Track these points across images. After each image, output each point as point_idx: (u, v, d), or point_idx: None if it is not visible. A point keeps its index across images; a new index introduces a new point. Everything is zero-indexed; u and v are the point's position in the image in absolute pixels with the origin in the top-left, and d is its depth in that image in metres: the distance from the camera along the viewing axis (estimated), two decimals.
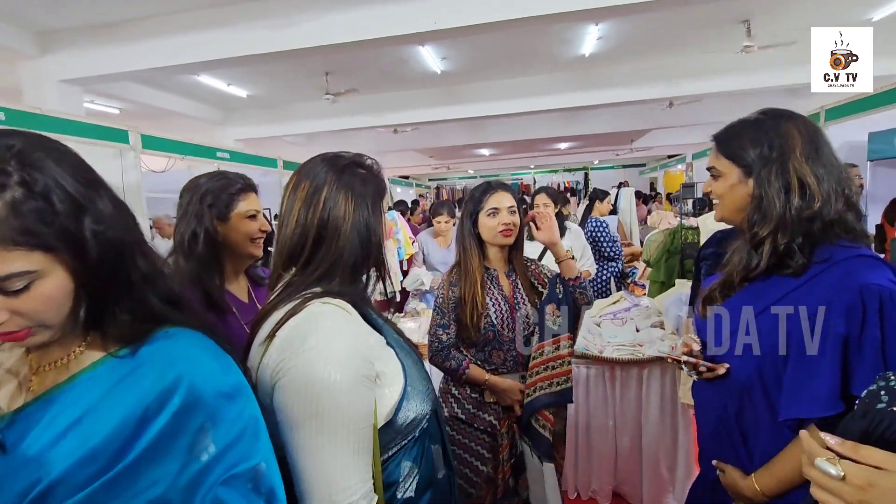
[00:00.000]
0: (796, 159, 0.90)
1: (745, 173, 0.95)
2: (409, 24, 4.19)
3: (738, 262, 0.97)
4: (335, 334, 0.73)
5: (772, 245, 0.91)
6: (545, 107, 7.31)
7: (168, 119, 7.45)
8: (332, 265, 0.80)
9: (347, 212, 0.81)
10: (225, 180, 1.19)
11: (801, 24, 5.53)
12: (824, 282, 0.86)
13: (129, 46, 4.51)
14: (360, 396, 0.71)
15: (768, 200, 0.91)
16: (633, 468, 2.23)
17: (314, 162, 0.88)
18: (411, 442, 0.82)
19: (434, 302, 1.57)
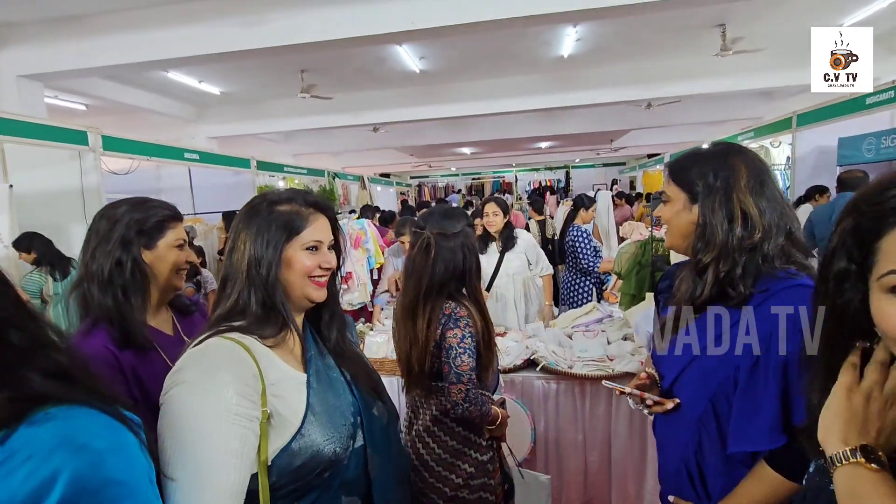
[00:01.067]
0: (740, 191, 0.92)
1: (690, 200, 0.97)
2: (384, 24, 4.11)
3: (684, 291, 0.99)
4: (211, 371, 0.75)
5: (714, 273, 0.92)
6: (525, 107, 7.31)
7: (138, 116, 7.22)
8: (237, 302, 0.84)
9: (247, 254, 0.85)
10: (151, 207, 1.12)
11: (773, 30, 5.62)
12: (765, 313, 0.87)
13: (93, 41, 4.33)
14: (227, 433, 0.72)
15: (711, 228, 0.93)
16: (602, 483, 2.21)
17: (247, 202, 0.92)
18: (304, 487, 0.80)
19: (462, 343, 1.37)
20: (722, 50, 5.50)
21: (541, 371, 2.23)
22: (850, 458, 0.53)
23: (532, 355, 2.30)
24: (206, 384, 0.74)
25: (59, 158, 3.46)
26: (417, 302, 1.43)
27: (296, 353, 0.88)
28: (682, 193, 0.98)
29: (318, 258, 0.89)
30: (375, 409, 0.93)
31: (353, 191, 9.39)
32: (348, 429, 0.85)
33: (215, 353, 0.78)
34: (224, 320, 0.83)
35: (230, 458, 0.72)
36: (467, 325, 1.38)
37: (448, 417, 1.42)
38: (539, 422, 2.24)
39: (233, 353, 0.78)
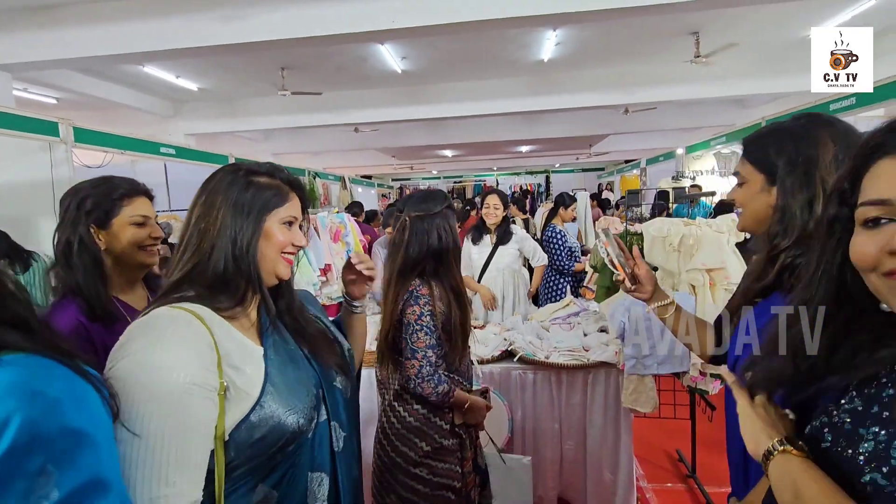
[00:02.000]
0: (825, 169, 0.83)
1: (768, 181, 0.89)
2: (365, 22, 4.10)
3: (752, 275, 0.93)
4: (161, 341, 0.70)
5: (783, 259, 0.85)
6: (505, 109, 7.38)
7: (112, 111, 7.04)
8: (192, 270, 0.80)
9: (221, 222, 0.81)
10: (107, 185, 1.15)
11: (745, 40, 5.81)
12: None
13: (64, 32, 4.21)
14: (181, 405, 0.69)
15: (791, 212, 0.84)
16: (577, 473, 2.25)
17: (218, 170, 0.88)
18: (267, 464, 0.78)
19: (420, 321, 1.39)
20: (695, 57, 5.66)
21: (518, 361, 2.26)
22: (779, 448, 0.61)
23: (510, 346, 2.32)
24: (156, 355, 0.69)
25: (29, 150, 3.35)
26: (391, 281, 1.46)
27: (252, 328, 0.85)
28: (758, 174, 0.90)
29: (292, 235, 0.88)
30: (337, 381, 0.93)
31: (335, 191, 9.32)
32: (311, 400, 0.83)
33: (164, 322, 0.73)
34: (175, 290, 0.79)
35: (185, 432, 0.69)
36: (427, 304, 1.40)
37: (407, 393, 1.44)
38: (516, 412, 2.26)
39: (184, 321, 0.73)
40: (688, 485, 2.49)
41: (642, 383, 2.08)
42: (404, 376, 1.40)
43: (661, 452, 2.78)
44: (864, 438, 0.54)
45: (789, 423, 0.66)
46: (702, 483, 2.42)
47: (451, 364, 1.46)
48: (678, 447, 2.73)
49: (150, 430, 0.66)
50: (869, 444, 0.53)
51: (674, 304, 1.14)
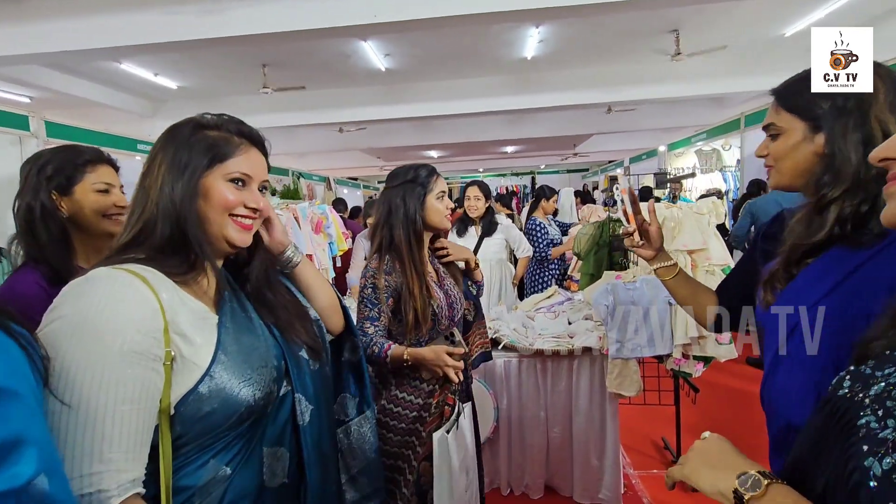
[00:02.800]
0: (879, 108, 0.78)
1: (812, 128, 0.83)
2: (346, 16, 4.08)
3: (798, 234, 0.84)
4: (97, 303, 0.63)
5: (838, 209, 0.78)
6: (489, 108, 7.40)
7: (88, 110, 6.88)
8: (140, 232, 0.74)
9: (161, 180, 0.74)
10: (70, 152, 1.12)
11: (724, 38, 5.91)
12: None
13: (35, 25, 4.09)
14: (118, 374, 0.62)
15: (843, 157, 0.78)
16: (564, 459, 2.24)
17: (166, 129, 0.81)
18: (219, 440, 0.72)
19: (362, 293, 1.40)
20: (676, 55, 5.74)
21: (503, 349, 2.24)
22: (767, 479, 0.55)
23: (494, 334, 2.30)
24: (90, 318, 0.62)
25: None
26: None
27: (209, 295, 0.77)
28: (799, 122, 0.84)
29: (244, 195, 0.78)
30: (304, 352, 0.86)
31: (319, 192, 9.25)
32: (270, 372, 0.77)
33: (102, 283, 0.66)
34: (121, 252, 0.73)
35: (124, 404, 0.62)
36: (372, 276, 1.40)
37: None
38: (501, 400, 2.24)
39: (124, 283, 0.66)
40: None
41: (626, 367, 2.08)
42: None
43: (647, 440, 2.78)
44: (877, 381, 0.51)
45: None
46: None
47: (412, 342, 1.43)
48: (663, 434, 2.74)
49: (82, 400, 0.60)
50: (878, 387, 0.50)
51: (677, 266, 1.12)
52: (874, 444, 0.46)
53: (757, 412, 1.00)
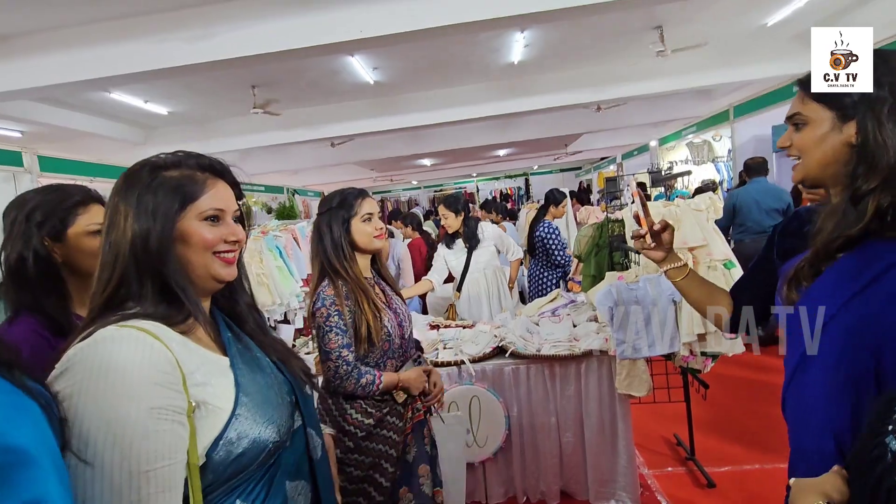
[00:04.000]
0: None
1: (841, 117, 0.80)
2: (332, 33, 4.10)
3: (832, 228, 0.79)
4: (109, 366, 0.61)
5: (876, 202, 0.74)
6: (480, 114, 7.44)
7: (80, 141, 6.85)
8: (119, 288, 0.70)
9: (127, 227, 0.71)
10: (59, 193, 1.05)
11: (708, 31, 5.96)
12: None
13: (23, 61, 4.12)
14: (145, 435, 0.61)
15: (878, 146, 0.75)
16: (577, 463, 2.23)
17: (125, 171, 0.78)
18: (246, 480, 0.71)
19: (328, 322, 1.40)
20: (661, 51, 5.78)
21: (510, 357, 2.24)
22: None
23: (500, 342, 2.30)
24: (109, 381, 0.60)
25: None
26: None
27: (212, 339, 0.77)
28: (827, 111, 0.81)
29: (222, 230, 0.76)
30: (307, 388, 0.89)
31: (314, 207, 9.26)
32: (287, 408, 0.78)
33: (113, 344, 0.63)
34: (108, 310, 0.69)
35: (157, 462, 0.61)
36: (333, 304, 1.41)
37: (327, 391, 1.46)
38: (512, 408, 2.24)
39: (136, 340, 0.64)
40: (688, 467, 2.48)
41: (635, 367, 2.08)
42: (325, 379, 1.42)
43: (659, 438, 2.77)
44: None
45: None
46: (702, 464, 2.42)
47: (368, 363, 1.47)
48: (675, 431, 2.73)
49: (114, 465, 0.58)
50: None
51: (687, 267, 1.11)
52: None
53: (768, 404, 0.99)
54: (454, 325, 2.72)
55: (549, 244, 3.46)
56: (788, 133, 0.87)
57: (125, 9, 3.92)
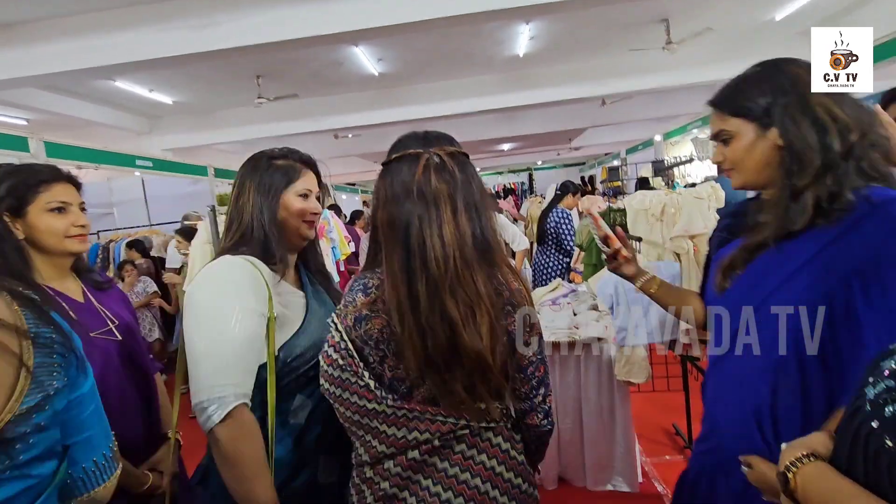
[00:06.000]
0: (816, 96, 0.82)
1: (762, 125, 0.86)
2: (337, 23, 4.10)
3: (773, 221, 0.85)
4: (218, 273, 0.96)
5: (815, 194, 0.80)
6: (484, 107, 7.41)
7: (85, 129, 6.92)
8: (241, 239, 1.02)
9: (252, 201, 1.03)
10: (25, 172, 1.09)
11: (714, 23, 5.92)
12: (866, 228, 0.76)
13: (29, 49, 4.13)
14: (234, 319, 0.90)
15: (802, 144, 0.81)
16: (575, 450, 2.25)
17: (248, 159, 1.09)
18: (304, 377, 0.97)
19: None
20: (667, 44, 5.75)
21: None
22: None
23: None
24: (221, 284, 0.94)
25: None
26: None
27: (294, 281, 1.08)
28: (747, 123, 0.87)
29: (309, 204, 1.07)
30: None
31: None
32: None
33: (228, 264, 0.97)
34: (229, 251, 1.00)
35: (242, 344, 0.90)
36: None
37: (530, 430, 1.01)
38: None
39: (243, 265, 0.96)
40: (685, 455, 2.50)
41: (634, 355, 2.09)
42: (545, 408, 0.94)
43: (658, 427, 2.79)
44: None
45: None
46: None
47: None
48: (674, 420, 2.75)
49: (214, 338, 0.89)
50: None
51: (657, 279, 1.14)
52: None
53: None
54: None
55: (561, 230, 3.48)
56: (719, 149, 0.93)
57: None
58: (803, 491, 0.54)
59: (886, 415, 0.45)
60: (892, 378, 0.47)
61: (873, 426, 0.47)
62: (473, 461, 0.86)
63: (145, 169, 4.51)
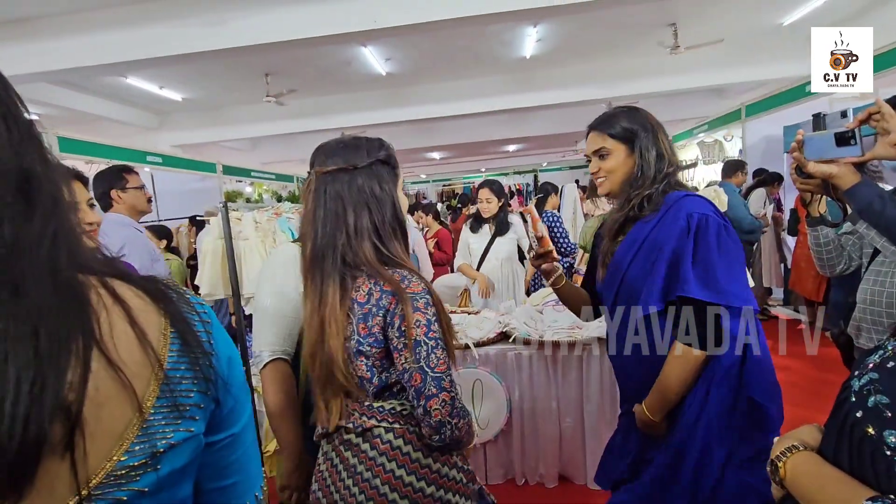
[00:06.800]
0: (660, 135, 1.23)
1: (629, 148, 1.22)
2: (347, 23, 4.14)
3: (613, 219, 1.27)
4: (273, 259, 1.24)
5: (638, 199, 1.20)
6: (490, 108, 7.45)
7: (95, 125, 7.00)
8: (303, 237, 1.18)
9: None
10: None
11: (722, 29, 5.93)
12: (669, 217, 1.15)
13: (42, 44, 4.20)
14: (274, 297, 1.17)
15: (647, 166, 1.20)
16: (576, 448, 2.27)
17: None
18: None
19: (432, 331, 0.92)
20: (674, 48, 5.76)
21: (513, 342, 2.29)
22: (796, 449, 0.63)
23: (505, 328, 2.35)
24: (278, 261, 1.21)
25: None
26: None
27: None
28: (621, 145, 1.22)
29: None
30: None
31: None
32: None
33: (279, 251, 1.26)
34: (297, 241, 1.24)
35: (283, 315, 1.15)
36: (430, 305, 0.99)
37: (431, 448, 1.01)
38: (514, 392, 2.28)
39: (295, 248, 1.17)
40: None
41: None
42: (430, 422, 0.90)
43: None
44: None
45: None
46: None
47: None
48: None
49: (262, 308, 1.18)
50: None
51: (563, 276, 1.44)
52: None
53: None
54: (459, 310, 2.77)
55: (555, 232, 3.50)
56: (595, 161, 1.26)
57: None
58: (792, 478, 0.58)
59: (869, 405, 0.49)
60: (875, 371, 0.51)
61: (857, 416, 0.50)
62: (367, 456, 0.95)
63: (155, 165, 4.56)
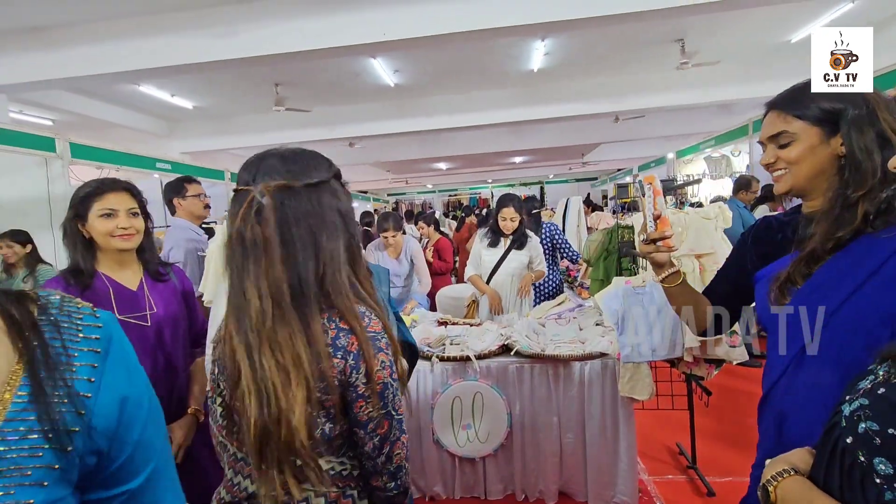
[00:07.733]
0: (883, 112, 0.85)
1: (828, 131, 0.87)
2: (356, 35, 4.20)
3: (822, 230, 0.85)
4: None
5: (865, 207, 0.82)
6: (497, 120, 7.50)
7: (107, 131, 7.11)
8: None
9: None
10: (89, 185, 1.38)
11: (730, 45, 5.95)
12: None
13: (59, 52, 4.28)
14: None
15: (864, 155, 0.83)
16: (577, 464, 2.24)
17: None
18: None
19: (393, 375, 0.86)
20: (682, 64, 5.79)
21: (515, 355, 2.27)
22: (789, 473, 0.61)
23: (506, 340, 2.34)
24: None
25: (25, 165, 3.40)
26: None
27: None
28: (812, 127, 0.88)
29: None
30: None
31: None
32: None
33: None
34: None
35: None
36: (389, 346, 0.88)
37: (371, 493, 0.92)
38: (514, 406, 2.26)
39: None
40: (689, 476, 2.48)
41: (638, 371, 2.10)
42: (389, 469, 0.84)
43: (661, 446, 2.78)
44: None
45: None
46: (703, 473, 2.42)
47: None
48: (677, 440, 2.73)
49: None
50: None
51: (681, 274, 1.10)
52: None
53: None
54: (461, 322, 2.76)
55: (557, 241, 3.50)
56: (771, 150, 0.94)
57: (156, 5, 4.07)
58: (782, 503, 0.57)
59: (860, 430, 0.48)
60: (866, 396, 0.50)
61: (848, 441, 0.49)
62: None
63: (164, 171, 4.62)
